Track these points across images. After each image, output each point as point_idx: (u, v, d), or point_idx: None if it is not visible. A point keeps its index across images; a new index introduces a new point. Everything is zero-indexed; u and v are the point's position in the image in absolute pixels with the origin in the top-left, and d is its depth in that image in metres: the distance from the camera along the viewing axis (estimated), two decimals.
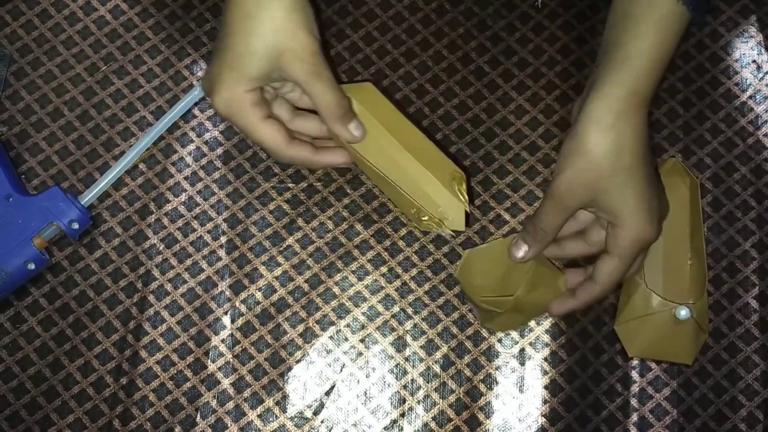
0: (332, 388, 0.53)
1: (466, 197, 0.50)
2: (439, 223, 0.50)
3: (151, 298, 0.54)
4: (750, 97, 0.58)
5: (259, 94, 0.48)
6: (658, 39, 0.46)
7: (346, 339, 0.54)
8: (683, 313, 0.51)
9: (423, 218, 0.50)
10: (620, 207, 0.47)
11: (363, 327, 0.54)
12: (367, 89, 0.51)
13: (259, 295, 0.54)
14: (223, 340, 0.53)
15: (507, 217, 0.55)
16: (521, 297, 0.49)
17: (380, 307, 0.54)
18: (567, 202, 0.47)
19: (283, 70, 0.47)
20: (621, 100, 0.45)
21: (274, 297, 0.54)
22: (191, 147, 0.57)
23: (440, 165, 0.51)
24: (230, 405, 0.52)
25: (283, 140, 0.49)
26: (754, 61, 0.58)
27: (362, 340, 0.54)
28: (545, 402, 0.53)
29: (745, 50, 0.59)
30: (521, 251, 0.50)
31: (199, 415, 0.52)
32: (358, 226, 0.55)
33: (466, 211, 0.50)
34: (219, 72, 0.47)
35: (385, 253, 0.55)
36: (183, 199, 0.56)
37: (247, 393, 0.53)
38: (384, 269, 0.55)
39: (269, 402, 0.53)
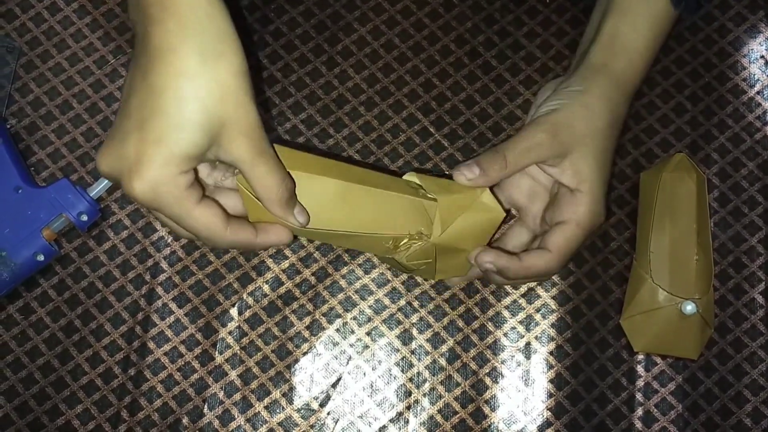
0: (339, 380, 0.53)
1: (431, 195, 0.46)
2: (419, 235, 0.46)
3: (159, 289, 0.54)
4: (758, 92, 0.58)
5: (193, 174, 0.39)
6: (653, 37, 0.48)
7: (353, 332, 0.54)
8: (689, 308, 0.51)
9: (401, 244, 0.46)
10: (588, 173, 0.46)
11: (369, 320, 0.54)
12: (279, 150, 0.42)
13: (266, 288, 0.54)
14: (230, 332, 0.54)
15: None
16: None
17: (386, 301, 0.54)
18: (546, 141, 0.46)
19: (222, 147, 0.38)
20: (620, 83, 0.48)
21: (281, 290, 0.54)
22: None
23: (392, 182, 0.46)
24: (237, 396, 0.53)
25: (222, 225, 0.40)
26: (762, 57, 0.58)
27: (368, 333, 0.54)
28: (550, 396, 0.53)
29: (754, 45, 0.58)
30: (472, 173, 0.46)
31: (206, 406, 0.53)
32: None
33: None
34: (141, 148, 0.36)
35: None
36: None
37: (254, 384, 0.53)
38: None
39: (276, 394, 0.53)
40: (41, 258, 0.52)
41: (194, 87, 0.36)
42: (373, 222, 0.45)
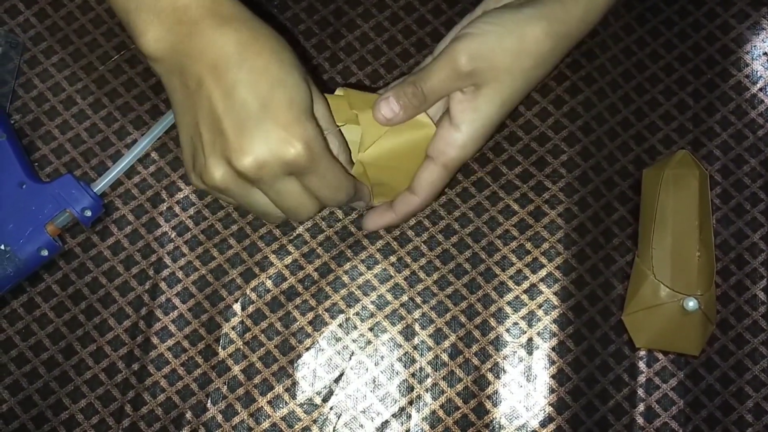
0: (341, 375, 0.53)
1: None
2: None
3: (163, 285, 0.55)
4: (761, 89, 0.58)
5: None
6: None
7: (356, 327, 0.54)
8: (691, 304, 0.51)
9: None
10: (483, 113, 0.43)
11: (372, 315, 0.54)
12: None
13: (269, 283, 0.55)
14: (233, 328, 0.54)
15: (516, 207, 0.56)
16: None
17: (389, 296, 0.54)
18: (465, 72, 0.42)
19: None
20: (570, 21, 0.44)
21: (284, 285, 0.55)
22: None
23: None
24: (241, 391, 0.53)
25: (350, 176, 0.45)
26: (765, 53, 0.58)
27: (371, 329, 0.54)
28: (552, 391, 0.53)
29: (757, 42, 0.58)
30: (392, 111, 0.44)
31: (209, 401, 0.53)
32: None
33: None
34: (280, 117, 0.40)
35: (394, 243, 0.55)
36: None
37: (257, 380, 0.53)
38: (393, 258, 0.55)
39: (279, 389, 0.53)
40: (45, 253, 0.52)
41: (285, 52, 0.41)
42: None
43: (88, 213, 0.53)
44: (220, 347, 0.54)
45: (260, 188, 0.42)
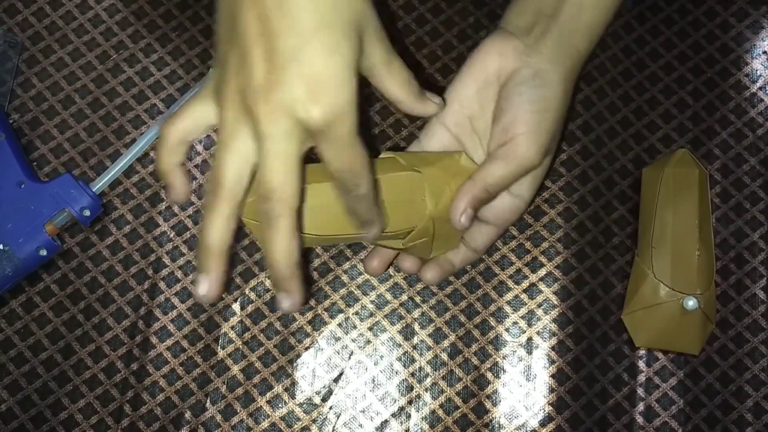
0: (341, 374, 0.53)
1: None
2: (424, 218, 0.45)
3: (162, 284, 0.55)
4: (760, 88, 0.58)
5: None
6: (609, 18, 0.45)
7: (355, 326, 0.54)
8: (691, 303, 0.51)
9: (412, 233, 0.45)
10: (540, 179, 0.47)
11: (371, 315, 0.54)
12: None
13: (268, 283, 0.55)
14: (232, 327, 0.54)
15: None
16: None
17: (388, 296, 0.54)
18: (537, 162, 0.44)
19: (364, 51, 0.37)
20: (576, 67, 0.45)
21: None
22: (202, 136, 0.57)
23: (378, 164, 0.44)
24: (240, 391, 0.53)
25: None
26: (764, 52, 0.58)
27: (370, 328, 0.54)
28: (552, 390, 0.53)
29: (756, 41, 0.58)
30: (469, 220, 0.45)
31: (208, 401, 0.53)
32: None
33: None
34: (322, 66, 0.34)
35: None
36: (193, 187, 0.56)
37: (256, 379, 0.53)
38: None
39: (278, 388, 0.53)
40: (44, 253, 0.52)
41: None
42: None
43: (87, 212, 0.53)
44: (219, 347, 0.54)
45: (262, 143, 0.36)
